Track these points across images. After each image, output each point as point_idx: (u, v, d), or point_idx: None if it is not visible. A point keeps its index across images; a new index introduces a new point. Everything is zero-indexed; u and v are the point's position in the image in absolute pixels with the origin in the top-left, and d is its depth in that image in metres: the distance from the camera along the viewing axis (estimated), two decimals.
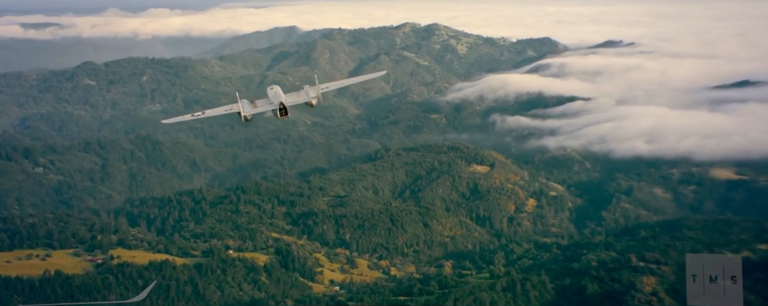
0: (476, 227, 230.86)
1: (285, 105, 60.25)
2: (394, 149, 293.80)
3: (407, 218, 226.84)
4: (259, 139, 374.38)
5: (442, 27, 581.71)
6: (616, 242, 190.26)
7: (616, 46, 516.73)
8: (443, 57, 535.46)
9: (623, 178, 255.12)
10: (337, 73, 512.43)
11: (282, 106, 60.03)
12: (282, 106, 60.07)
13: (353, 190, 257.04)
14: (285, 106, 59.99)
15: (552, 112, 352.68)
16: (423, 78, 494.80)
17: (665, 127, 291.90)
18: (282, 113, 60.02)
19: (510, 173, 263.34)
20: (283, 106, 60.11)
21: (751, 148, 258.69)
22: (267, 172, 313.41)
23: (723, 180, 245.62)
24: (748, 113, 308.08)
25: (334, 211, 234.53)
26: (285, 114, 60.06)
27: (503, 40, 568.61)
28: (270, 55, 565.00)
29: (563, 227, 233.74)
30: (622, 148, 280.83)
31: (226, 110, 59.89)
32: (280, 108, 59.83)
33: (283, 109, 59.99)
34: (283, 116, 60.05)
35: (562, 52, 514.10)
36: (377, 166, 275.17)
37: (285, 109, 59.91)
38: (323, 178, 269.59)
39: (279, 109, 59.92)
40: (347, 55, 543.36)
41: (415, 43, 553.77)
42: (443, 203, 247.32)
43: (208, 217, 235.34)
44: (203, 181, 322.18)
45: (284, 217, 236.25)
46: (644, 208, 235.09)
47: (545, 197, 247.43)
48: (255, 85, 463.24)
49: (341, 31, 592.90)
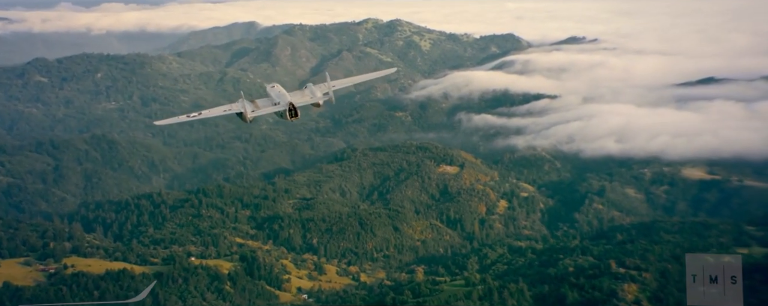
0: (447, 230, 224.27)
1: (295, 105, 56.78)
2: (360, 149, 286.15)
3: (376, 222, 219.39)
4: (220, 138, 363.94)
5: (405, 23, 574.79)
6: (593, 246, 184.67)
7: (580, 43, 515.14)
8: (406, 53, 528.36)
9: (595, 178, 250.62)
10: (298, 70, 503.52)
11: (292, 107, 56.55)
12: (292, 106, 56.55)
13: (320, 192, 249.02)
14: (295, 107, 56.62)
15: (518, 111, 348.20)
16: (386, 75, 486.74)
17: (634, 126, 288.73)
18: (292, 114, 56.74)
19: (480, 174, 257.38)
20: (293, 107, 56.63)
21: (721, 147, 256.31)
22: (229, 173, 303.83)
23: (695, 180, 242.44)
24: (715, 111, 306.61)
25: (301, 214, 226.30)
26: (295, 115, 56.82)
27: (466, 36, 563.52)
28: (229, 52, 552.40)
29: (535, 229, 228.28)
30: (591, 147, 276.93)
31: (225, 111, 56.75)
32: (290, 109, 56.43)
33: (293, 111, 56.63)
34: (293, 118, 56.87)
35: (526, 49, 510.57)
36: (344, 167, 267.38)
37: (295, 110, 56.62)
38: (288, 179, 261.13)
39: (289, 111, 56.48)
40: (309, 51, 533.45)
41: (378, 40, 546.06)
42: (413, 205, 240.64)
43: (168, 221, 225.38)
44: (162, 182, 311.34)
45: (248, 222, 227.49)
46: (617, 209, 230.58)
47: (517, 198, 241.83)
48: (214, 83, 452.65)
49: (302, 26, 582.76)
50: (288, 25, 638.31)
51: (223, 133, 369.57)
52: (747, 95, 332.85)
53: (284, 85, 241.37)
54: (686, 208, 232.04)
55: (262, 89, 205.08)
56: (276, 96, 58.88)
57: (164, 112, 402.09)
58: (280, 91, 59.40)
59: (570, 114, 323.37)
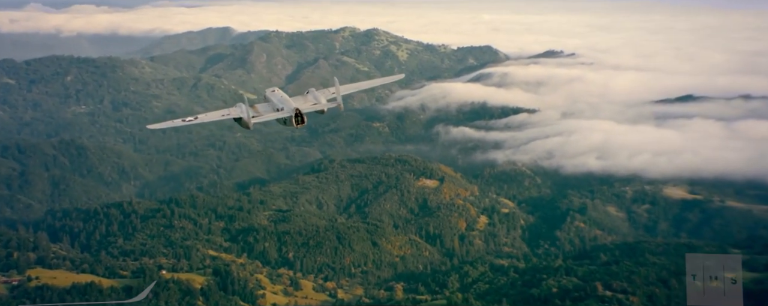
0: (427, 246, 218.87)
1: (301, 112, 54.32)
2: (338, 160, 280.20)
3: (354, 236, 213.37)
4: (193, 145, 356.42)
5: (382, 32, 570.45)
6: (577, 267, 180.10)
7: (557, 57, 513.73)
8: (383, 63, 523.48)
9: (576, 195, 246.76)
10: (274, 77, 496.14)
11: (298, 113, 54.08)
12: (298, 112, 54.06)
13: (296, 204, 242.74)
14: (301, 114, 54.27)
15: (497, 124, 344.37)
16: None
17: (614, 143, 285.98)
18: (298, 121, 54.27)
19: (460, 188, 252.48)
20: (300, 113, 54.18)
21: (702, 166, 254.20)
22: (202, 182, 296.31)
23: (677, 199, 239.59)
24: (695, 130, 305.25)
25: (277, 226, 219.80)
26: (302, 122, 54.51)
27: (444, 47, 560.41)
28: (204, 57, 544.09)
29: (516, 247, 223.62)
30: (572, 163, 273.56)
31: (223, 115, 54.32)
32: (296, 115, 53.93)
33: (299, 117, 54.19)
34: (299, 125, 54.46)
35: (504, 62, 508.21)
36: (321, 178, 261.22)
37: (302, 116, 54.31)
38: (263, 190, 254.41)
39: (295, 117, 53.91)
40: (285, 58, 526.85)
41: (355, 48, 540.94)
42: (391, 219, 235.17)
43: (138, 232, 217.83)
44: (133, 190, 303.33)
45: (222, 233, 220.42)
46: (599, 228, 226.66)
47: (497, 214, 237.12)
48: (188, 88, 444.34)
49: (278, 33, 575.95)
50: (263, 31, 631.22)
51: (197, 140, 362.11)
52: (726, 114, 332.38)
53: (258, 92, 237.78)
54: (668, 228, 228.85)
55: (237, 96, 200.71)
56: (278, 101, 56.09)
57: (136, 117, 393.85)
58: (282, 96, 56.69)
59: (549, 129, 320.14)
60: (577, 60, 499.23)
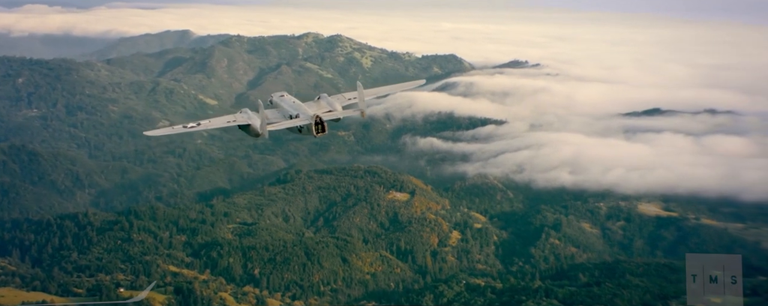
0: (398, 263, 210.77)
1: (322, 119, 50.77)
2: (305, 171, 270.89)
3: (323, 252, 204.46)
4: (151, 151, 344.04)
5: (346, 39, 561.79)
6: (556, 288, 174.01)
7: (522, 67, 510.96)
8: (347, 70, 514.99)
9: (549, 211, 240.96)
10: (235, 83, 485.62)
11: (319, 120, 50.64)
12: (319, 120, 50.65)
13: (262, 217, 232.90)
14: (322, 121, 50.82)
15: (464, 136, 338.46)
16: (327, 91, 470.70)
17: (585, 157, 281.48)
18: (318, 129, 50.90)
19: (431, 202, 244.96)
20: (321, 120, 50.72)
21: (676, 183, 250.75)
22: (161, 191, 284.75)
23: (652, 216, 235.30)
24: (665, 144, 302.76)
25: (242, 241, 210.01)
26: (322, 130, 51.10)
27: (408, 55, 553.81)
28: (162, 61, 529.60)
29: (490, 264, 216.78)
30: (544, 177, 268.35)
31: (228, 122, 51.51)
32: (316, 122, 50.53)
33: (320, 125, 50.75)
34: (319, 133, 51.02)
35: (469, 71, 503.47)
36: (287, 190, 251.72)
37: (322, 124, 50.86)
38: (227, 201, 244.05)
39: (316, 124, 50.52)
40: (246, 63, 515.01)
41: (318, 55, 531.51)
42: (361, 234, 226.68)
43: (94, 245, 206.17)
44: (88, 198, 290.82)
45: (184, 248, 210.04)
46: (574, 245, 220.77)
47: (470, 229, 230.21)
48: (146, 93, 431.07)
49: (240, 38, 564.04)
50: (224, 35, 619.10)
51: (155, 146, 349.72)
52: (694, 129, 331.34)
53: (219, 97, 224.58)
54: (644, 246, 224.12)
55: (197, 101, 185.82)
56: (290, 107, 52.67)
57: (91, 122, 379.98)
58: (295, 102, 53.17)
59: (518, 141, 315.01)
60: (542, 71, 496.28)
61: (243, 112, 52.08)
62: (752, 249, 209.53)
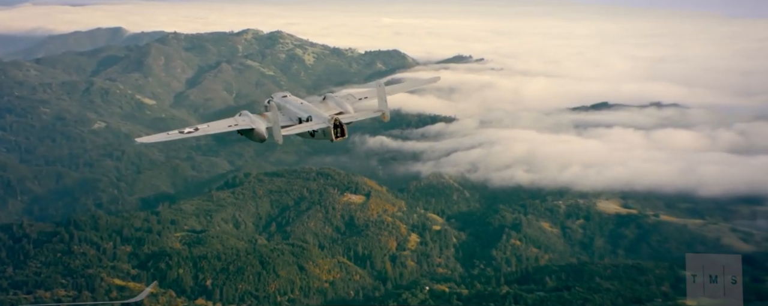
0: (357, 269, 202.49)
1: (341, 122, 46.22)
2: (254, 174, 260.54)
3: (279, 260, 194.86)
4: (87, 155, 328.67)
5: (287, 35, 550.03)
6: (525, 293, 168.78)
7: (467, 62, 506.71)
8: (289, 67, 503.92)
9: (507, 210, 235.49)
10: (173, 82, 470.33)
11: (338, 124, 46.04)
12: (338, 123, 46.04)
13: (211, 224, 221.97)
14: (342, 124, 46.25)
15: (413, 134, 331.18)
16: (269, 89, 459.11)
17: (540, 154, 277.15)
18: (338, 133, 46.19)
19: (387, 204, 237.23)
20: (340, 124, 46.11)
21: (633, 179, 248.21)
22: (101, 198, 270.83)
23: (611, 214, 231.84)
24: (617, 139, 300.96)
25: (191, 250, 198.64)
26: (342, 134, 46.50)
27: (351, 51, 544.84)
28: (96, 59, 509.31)
29: (450, 267, 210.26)
30: (500, 176, 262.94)
31: (229, 126, 47.48)
32: (335, 125, 45.91)
33: (339, 128, 46.06)
34: (338, 138, 46.37)
35: (413, 67, 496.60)
36: (237, 194, 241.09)
37: (342, 127, 46.23)
38: (174, 208, 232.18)
39: (335, 127, 45.85)
40: (184, 61, 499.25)
41: (259, 52, 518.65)
42: (316, 239, 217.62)
43: (31, 259, 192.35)
44: (20, 206, 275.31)
45: (130, 259, 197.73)
46: (535, 246, 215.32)
47: (429, 232, 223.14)
48: (80, 93, 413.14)
49: (177, 35, 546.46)
50: (159, 32, 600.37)
51: (91, 149, 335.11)
52: (643, 122, 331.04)
53: (157, 97, 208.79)
54: (605, 244, 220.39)
55: (134, 101, 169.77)
56: (298, 109, 47.83)
57: (21, 124, 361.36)
58: (304, 103, 48.34)
59: (469, 139, 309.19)
60: (486, 65, 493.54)
61: (243, 116, 47.63)
62: (713, 246, 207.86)
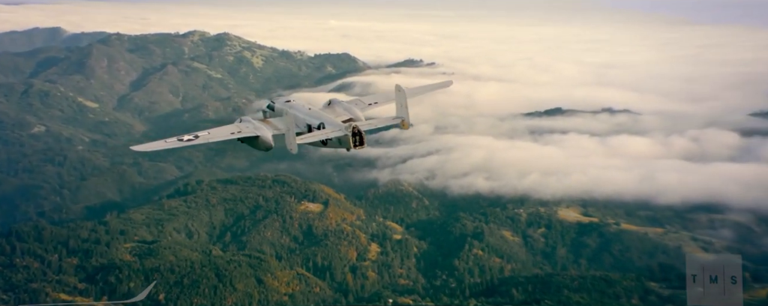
0: (317, 281, 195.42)
1: (361, 130, 43.69)
2: (206, 181, 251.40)
3: (235, 271, 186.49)
4: (26, 160, 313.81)
5: (234, 37, 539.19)
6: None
7: (418, 66, 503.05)
8: (238, 70, 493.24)
9: (468, 219, 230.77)
10: (117, 84, 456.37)
11: (357, 132, 43.66)
12: (356, 131, 43.65)
13: (163, 234, 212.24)
14: (361, 132, 43.90)
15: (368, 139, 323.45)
16: (217, 92, 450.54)
17: (498, 161, 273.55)
18: (357, 142, 43.87)
19: (345, 212, 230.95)
20: (359, 131, 43.74)
21: (592, 186, 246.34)
22: (43, 206, 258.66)
23: (572, 222, 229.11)
24: (574, 146, 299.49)
25: (143, 262, 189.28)
26: (361, 143, 44.06)
27: (300, 54, 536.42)
28: (34, 60, 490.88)
29: (412, 278, 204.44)
30: (458, 184, 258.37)
31: (231, 134, 44.61)
32: (354, 133, 43.57)
33: (358, 136, 43.75)
34: (357, 146, 44.06)
35: (364, 70, 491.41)
36: (189, 203, 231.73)
37: (361, 135, 43.87)
38: (123, 217, 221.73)
39: (353, 135, 43.52)
40: (128, 63, 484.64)
41: (206, 54, 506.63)
42: (274, 250, 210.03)
43: None
44: None
45: (76, 272, 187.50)
46: (497, 256, 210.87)
47: (389, 241, 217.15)
48: (18, 96, 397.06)
49: (120, 36, 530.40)
50: (101, 33, 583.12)
51: (31, 153, 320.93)
52: (597, 129, 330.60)
53: (100, 100, 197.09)
54: (567, 254, 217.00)
55: (75, 104, 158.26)
56: (307, 115, 45.10)
57: None
58: (313, 109, 46.05)
59: (425, 145, 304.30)
60: (437, 70, 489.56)
61: (245, 122, 45.16)
62: (675, 256, 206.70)
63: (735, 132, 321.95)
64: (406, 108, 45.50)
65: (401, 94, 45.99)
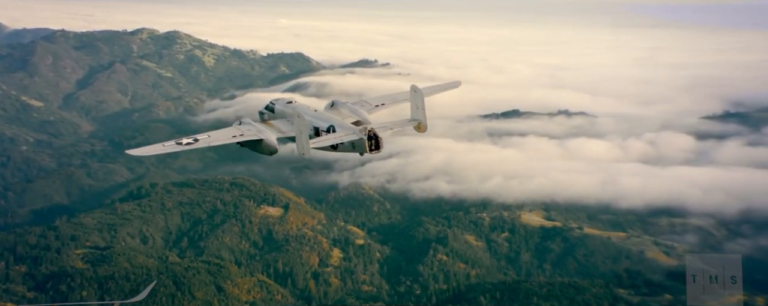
0: (278, 288, 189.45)
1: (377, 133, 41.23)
2: (161, 184, 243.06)
3: (194, 279, 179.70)
4: None
5: (184, 35, 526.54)
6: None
7: (373, 66, 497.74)
8: (189, 69, 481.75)
9: (431, 223, 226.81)
10: (62, 82, 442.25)
11: (373, 135, 41.33)
12: (373, 134, 41.32)
13: (116, 240, 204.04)
14: (377, 135, 41.48)
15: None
16: (167, 91, 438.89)
17: (459, 164, 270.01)
18: (373, 146, 41.61)
19: (306, 216, 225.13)
20: (374, 135, 41.38)
21: (554, 190, 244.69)
22: None
23: (535, 227, 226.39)
24: (533, 148, 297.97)
25: (96, 270, 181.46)
26: (377, 148, 41.87)
27: (253, 53, 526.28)
28: None
29: (376, 284, 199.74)
30: (420, 187, 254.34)
31: (232, 137, 41.17)
32: (370, 137, 41.21)
33: (374, 140, 41.41)
34: (373, 150, 41.78)
35: (318, 70, 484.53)
36: (143, 206, 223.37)
37: (377, 139, 41.48)
38: (73, 221, 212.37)
39: (369, 139, 41.26)
40: (74, 61, 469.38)
41: (156, 52, 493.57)
42: (233, 256, 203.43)
43: None
44: None
45: (25, 281, 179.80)
46: (462, 261, 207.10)
47: (352, 246, 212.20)
48: None
49: (65, 33, 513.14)
50: (44, 29, 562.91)
51: None
52: (555, 131, 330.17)
53: (45, 98, 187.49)
54: (531, 259, 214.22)
55: (18, 103, 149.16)
56: (313, 118, 43.05)
57: None
58: (319, 112, 44.40)
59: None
60: (393, 70, 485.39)
61: (246, 124, 42.35)
62: (638, 260, 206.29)
63: (690, 135, 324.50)
64: (423, 110, 43.48)
65: (418, 94, 43.90)
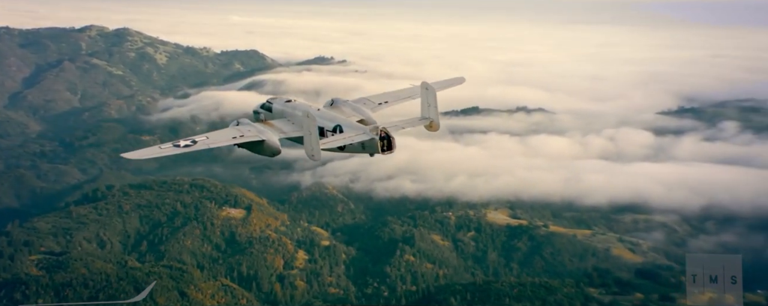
0: (243, 292, 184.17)
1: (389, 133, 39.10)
2: (118, 186, 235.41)
3: (156, 284, 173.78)
4: None
5: (135, 32, 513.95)
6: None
7: (329, 64, 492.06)
8: (140, 67, 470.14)
9: (396, 223, 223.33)
10: (8, 81, 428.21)
11: (385, 135, 39.07)
12: (385, 134, 39.06)
13: (72, 244, 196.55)
14: (389, 135, 39.26)
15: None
16: (118, 90, 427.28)
17: (422, 162, 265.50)
18: (385, 147, 39.42)
19: (269, 218, 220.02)
20: (387, 135, 39.16)
21: (518, 188, 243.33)
22: None
23: (502, 225, 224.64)
24: (495, 146, 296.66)
25: (52, 276, 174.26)
26: (390, 148, 39.67)
27: (206, 51, 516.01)
28: None
29: (343, 286, 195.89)
30: (384, 186, 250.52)
31: (233, 138, 39.81)
32: (382, 137, 38.91)
33: (386, 139, 39.14)
34: (386, 151, 39.71)
35: (273, 68, 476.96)
36: (100, 209, 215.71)
37: (389, 139, 39.20)
38: (26, 226, 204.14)
39: (381, 139, 38.94)
40: (20, 59, 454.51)
41: (105, 50, 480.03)
42: (195, 259, 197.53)
43: None
44: None
45: None
46: (429, 261, 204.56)
47: (317, 248, 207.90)
48: None
49: (9, 30, 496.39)
50: None
51: None
52: (516, 128, 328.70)
53: None
54: (498, 258, 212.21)
55: None
56: (319, 117, 40.32)
57: None
58: (322, 111, 42.39)
59: None
60: (349, 67, 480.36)
61: (245, 125, 41.25)
62: (604, 258, 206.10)
63: (648, 131, 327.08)
64: (435, 107, 42.18)
65: (430, 92, 42.67)
